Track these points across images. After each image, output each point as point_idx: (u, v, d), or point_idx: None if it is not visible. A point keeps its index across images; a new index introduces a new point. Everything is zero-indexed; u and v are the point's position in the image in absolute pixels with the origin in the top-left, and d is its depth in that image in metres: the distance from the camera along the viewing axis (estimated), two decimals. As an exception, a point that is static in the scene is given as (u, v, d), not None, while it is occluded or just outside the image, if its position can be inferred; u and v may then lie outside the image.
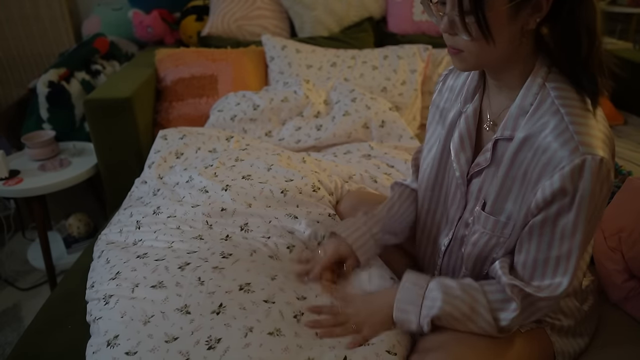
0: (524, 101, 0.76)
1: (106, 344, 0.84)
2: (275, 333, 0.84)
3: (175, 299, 0.89)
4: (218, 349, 0.81)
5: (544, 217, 0.74)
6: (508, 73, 0.78)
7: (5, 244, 2.24)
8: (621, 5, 2.85)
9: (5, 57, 2.48)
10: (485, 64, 0.78)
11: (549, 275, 0.76)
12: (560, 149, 0.70)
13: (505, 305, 0.79)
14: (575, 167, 0.69)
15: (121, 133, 1.75)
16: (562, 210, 0.72)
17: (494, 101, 0.84)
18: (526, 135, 0.75)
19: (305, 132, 1.72)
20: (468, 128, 0.86)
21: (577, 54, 0.71)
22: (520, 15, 0.70)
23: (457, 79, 0.93)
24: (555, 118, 0.72)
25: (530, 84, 0.76)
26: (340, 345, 0.85)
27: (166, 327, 0.84)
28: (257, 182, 1.23)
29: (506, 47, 0.73)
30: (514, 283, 0.77)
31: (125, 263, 1.01)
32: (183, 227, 1.10)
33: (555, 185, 0.71)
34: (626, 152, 1.70)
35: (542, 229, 0.75)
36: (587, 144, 0.69)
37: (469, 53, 0.74)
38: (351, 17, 2.37)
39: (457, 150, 0.87)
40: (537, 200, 0.74)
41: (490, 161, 0.82)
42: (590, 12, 0.69)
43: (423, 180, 0.98)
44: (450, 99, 0.93)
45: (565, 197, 0.71)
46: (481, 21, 0.69)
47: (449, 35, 0.74)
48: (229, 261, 0.99)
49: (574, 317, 0.90)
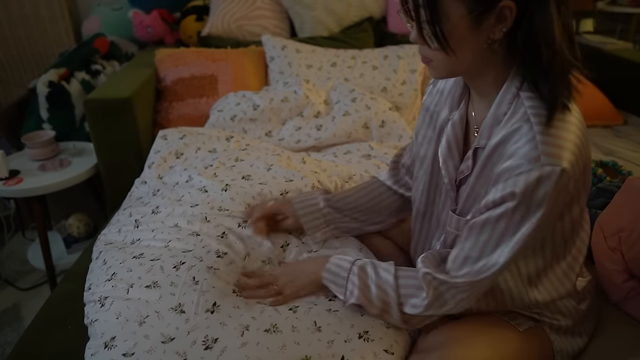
0: (498, 110, 0.76)
1: (104, 346, 0.84)
2: (271, 330, 0.84)
3: (169, 298, 0.89)
4: (215, 349, 0.81)
5: (488, 217, 0.74)
6: (482, 81, 0.78)
7: (5, 244, 2.24)
8: (621, 5, 2.85)
9: (5, 57, 2.48)
10: (456, 72, 0.78)
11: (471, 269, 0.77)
12: (522, 156, 0.69)
13: (417, 292, 0.82)
14: (532, 176, 0.68)
15: (121, 133, 1.75)
16: (506, 214, 0.72)
17: (477, 108, 0.84)
18: (497, 142, 0.75)
19: (305, 132, 1.72)
20: (455, 135, 0.86)
21: (538, 63, 0.70)
22: (483, 26, 0.69)
23: (446, 83, 0.93)
24: (525, 126, 0.71)
25: (504, 93, 0.75)
26: (339, 341, 0.84)
27: (162, 328, 0.84)
28: (256, 182, 1.23)
29: (472, 57, 0.73)
30: (426, 271, 0.80)
31: (122, 264, 1.01)
32: (181, 224, 1.10)
33: (507, 189, 0.70)
34: (626, 152, 1.70)
35: (483, 228, 0.75)
36: (550, 155, 0.68)
37: (437, 62, 0.75)
38: (351, 17, 2.37)
39: (445, 157, 0.87)
40: (487, 201, 0.74)
41: (471, 169, 0.82)
42: (547, 21, 0.68)
43: (418, 183, 0.98)
44: (440, 102, 0.92)
45: (512, 201, 0.70)
46: (438, 33, 0.69)
47: (419, 44, 0.75)
48: (223, 261, 0.99)
49: (572, 317, 0.90)
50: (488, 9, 0.68)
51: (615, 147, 1.76)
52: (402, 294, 0.84)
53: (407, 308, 0.83)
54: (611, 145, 1.78)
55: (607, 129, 1.97)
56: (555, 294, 0.86)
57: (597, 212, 1.13)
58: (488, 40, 0.71)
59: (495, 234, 0.74)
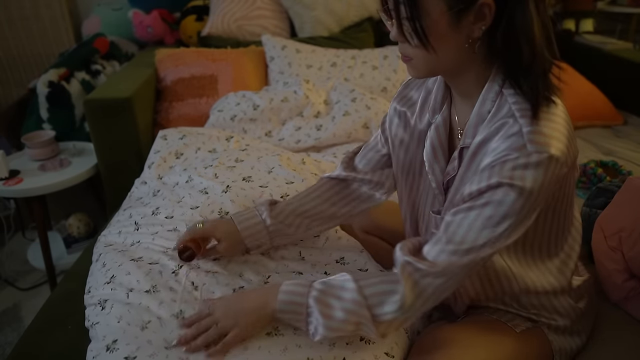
0: (482, 108, 0.75)
1: (105, 349, 0.84)
2: (273, 333, 0.84)
3: (170, 304, 0.89)
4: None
5: (472, 205, 0.72)
6: (463, 80, 0.78)
7: (5, 244, 2.24)
8: (621, 5, 2.85)
9: (5, 57, 2.48)
10: (436, 71, 0.77)
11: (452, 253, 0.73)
12: (508, 146, 0.69)
13: (387, 297, 0.75)
14: (519, 163, 0.67)
15: (121, 133, 1.75)
16: (492, 202, 0.70)
17: (460, 109, 0.83)
18: (482, 140, 0.74)
19: (305, 132, 1.72)
20: (439, 138, 0.85)
21: (519, 61, 0.70)
22: (462, 23, 0.69)
23: (416, 91, 0.92)
24: (510, 120, 0.71)
25: (487, 91, 0.75)
26: (340, 343, 0.84)
27: (164, 333, 0.85)
28: (257, 185, 1.22)
29: (453, 55, 0.72)
30: (407, 260, 0.74)
31: (120, 266, 1.00)
32: (180, 229, 1.09)
33: (493, 177, 0.69)
34: (626, 152, 1.70)
35: (467, 214, 0.72)
36: (537, 142, 0.67)
37: (417, 60, 0.74)
38: (351, 17, 2.37)
39: (431, 161, 0.86)
40: (472, 190, 0.72)
41: (457, 169, 0.81)
42: (527, 20, 0.68)
43: (403, 191, 0.97)
44: (414, 110, 0.91)
45: (499, 188, 0.69)
46: (418, 29, 0.69)
47: (400, 42, 0.74)
48: (221, 263, 0.99)
49: (570, 316, 0.90)
50: (467, 6, 0.68)
51: (615, 147, 1.76)
52: (372, 305, 0.76)
53: (382, 317, 0.76)
54: (611, 145, 1.78)
55: (607, 129, 1.97)
56: (549, 287, 0.86)
57: (597, 212, 1.13)
58: (468, 39, 0.71)
59: (480, 220, 0.71)
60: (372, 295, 0.76)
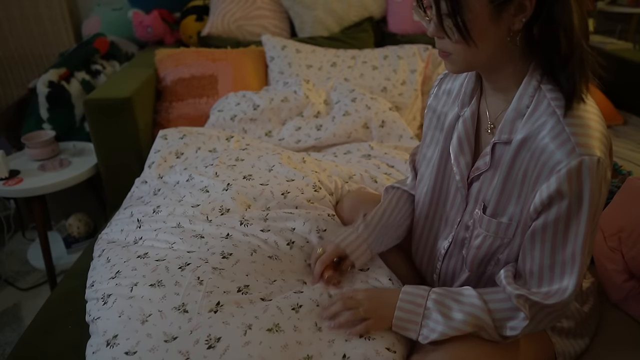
0: (520, 104, 0.76)
1: (105, 344, 0.84)
2: (274, 329, 0.84)
3: (172, 297, 0.89)
4: (218, 348, 0.81)
5: (544, 221, 0.74)
6: (501, 75, 0.78)
7: (5, 244, 2.24)
8: (621, 5, 2.84)
9: (5, 57, 2.48)
10: (475, 66, 0.78)
11: (556, 281, 0.76)
12: (557, 150, 0.70)
13: (513, 314, 0.79)
14: (573, 169, 0.68)
15: (121, 133, 1.75)
16: (561, 213, 0.72)
17: (491, 104, 0.83)
18: (524, 137, 0.75)
19: (305, 132, 1.72)
20: (467, 131, 0.86)
21: (556, 53, 0.70)
22: (503, 16, 0.70)
23: (453, 82, 0.93)
24: (552, 119, 0.72)
25: (525, 86, 0.75)
26: (339, 340, 0.84)
27: (164, 327, 0.84)
28: (257, 182, 1.23)
29: (493, 49, 0.73)
30: (519, 293, 0.76)
31: (126, 262, 1.01)
32: (184, 225, 1.10)
33: (552, 187, 0.70)
34: (626, 152, 1.70)
35: (544, 234, 0.75)
36: (584, 145, 0.68)
37: (457, 55, 0.74)
38: (351, 17, 2.37)
39: (457, 153, 0.87)
40: (536, 204, 0.74)
41: (489, 165, 0.81)
42: (567, 11, 0.68)
43: (423, 184, 0.97)
44: (447, 103, 0.92)
45: (563, 199, 0.71)
46: (459, 24, 0.69)
47: (437, 38, 0.75)
48: (229, 262, 0.99)
49: (574, 318, 0.90)
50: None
51: (615, 147, 1.75)
52: (496, 319, 0.79)
53: (507, 331, 0.79)
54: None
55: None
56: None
57: (597, 212, 1.13)
58: (509, 32, 0.71)
59: (559, 235, 0.73)
60: (497, 310, 0.79)
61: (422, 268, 1.05)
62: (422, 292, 0.84)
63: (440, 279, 0.99)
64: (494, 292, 0.82)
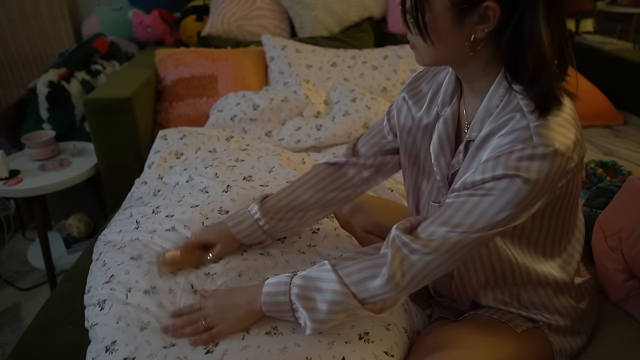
0: (490, 103, 0.76)
1: (105, 350, 0.84)
2: (272, 332, 0.84)
3: (168, 307, 0.90)
4: (216, 353, 0.81)
5: (472, 192, 0.72)
6: (473, 76, 0.78)
7: (5, 244, 2.24)
8: (621, 5, 2.85)
9: (5, 57, 2.48)
10: (439, 62, 0.78)
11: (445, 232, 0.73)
12: (515, 138, 0.69)
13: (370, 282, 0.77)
14: (524, 153, 0.68)
15: (121, 133, 1.75)
16: (494, 190, 0.70)
17: (468, 104, 0.84)
18: (487, 133, 0.75)
19: (305, 132, 1.72)
20: (447, 131, 0.85)
21: (524, 70, 0.70)
22: (466, 22, 0.70)
23: (427, 84, 0.93)
24: (517, 115, 0.71)
25: (496, 87, 0.75)
26: (339, 343, 0.84)
27: (163, 334, 0.85)
28: (257, 184, 1.22)
29: (452, 51, 0.73)
30: (398, 234, 0.75)
31: (119, 265, 1.00)
32: (178, 227, 1.09)
33: (499, 166, 0.69)
34: (626, 152, 1.70)
35: (467, 199, 0.72)
36: (543, 136, 0.68)
37: (420, 49, 0.76)
38: (351, 17, 2.37)
39: (437, 154, 0.87)
40: (475, 178, 0.72)
41: (462, 162, 0.81)
42: (535, 32, 0.67)
43: (410, 183, 0.98)
44: (421, 103, 0.92)
45: (505, 177, 0.69)
46: (419, 21, 0.71)
47: (406, 29, 0.76)
48: (220, 264, 0.99)
49: (571, 316, 0.90)
50: (472, 6, 0.68)
51: (615, 147, 1.76)
52: (356, 293, 0.77)
53: (371, 299, 0.77)
54: (611, 145, 1.78)
55: (607, 129, 1.98)
56: (552, 279, 0.86)
57: (597, 212, 1.13)
58: (469, 38, 0.71)
59: (480, 206, 0.71)
60: (353, 283, 0.78)
61: None
62: (284, 288, 0.82)
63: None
64: (351, 263, 0.80)
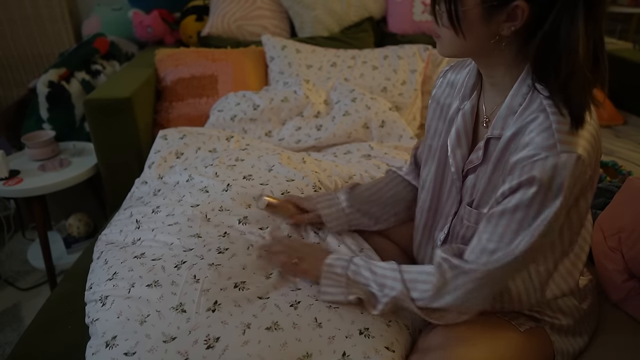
0: (513, 101, 0.77)
1: (105, 345, 0.84)
2: (273, 327, 0.84)
3: (170, 297, 0.89)
4: (217, 348, 0.81)
5: (504, 208, 0.74)
6: (496, 72, 0.79)
7: (5, 244, 2.24)
8: (621, 5, 2.85)
9: (5, 57, 2.48)
10: (462, 54, 0.79)
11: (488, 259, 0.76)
12: (539, 144, 0.70)
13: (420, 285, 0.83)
14: (549, 163, 0.68)
15: (121, 133, 1.75)
16: (522, 203, 0.71)
17: (488, 98, 0.85)
18: (513, 133, 0.75)
19: (305, 132, 1.72)
20: (465, 125, 0.87)
21: (555, 75, 0.70)
22: (493, 19, 0.71)
23: (457, 75, 0.93)
24: (541, 115, 0.72)
25: (519, 85, 0.76)
26: (340, 338, 0.84)
27: (163, 327, 0.85)
28: (257, 182, 1.23)
29: (478, 45, 0.74)
30: (444, 256, 0.80)
31: (123, 263, 1.01)
32: (181, 224, 1.10)
33: (523, 176, 0.70)
34: (626, 152, 1.70)
35: (500, 219, 0.74)
36: (566, 142, 0.68)
37: (444, 39, 0.77)
38: (351, 17, 2.37)
39: (454, 146, 0.88)
40: (504, 189, 0.74)
41: (482, 159, 0.83)
42: (573, 38, 0.67)
43: (426, 177, 0.98)
44: (451, 94, 0.93)
45: (529, 189, 0.70)
46: (452, 12, 0.71)
47: (434, 19, 0.77)
48: (224, 256, 0.99)
49: (573, 316, 0.90)
50: (501, 4, 0.69)
51: (615, 147, 1.75)
52: (409, 286, 0.84)
53: (415, 294, 0.83)
54: (611, 145, 1.78)
55: (607, 129, 1.97)
56: (558, 292, 0.86)
57: (597, 212, 1.13)
58: (496, 35, 0.72)
59: (513, 224, 0.73)
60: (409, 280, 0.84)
61: (418, 259, 1.06)
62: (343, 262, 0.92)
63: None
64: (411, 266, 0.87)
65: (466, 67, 0.92)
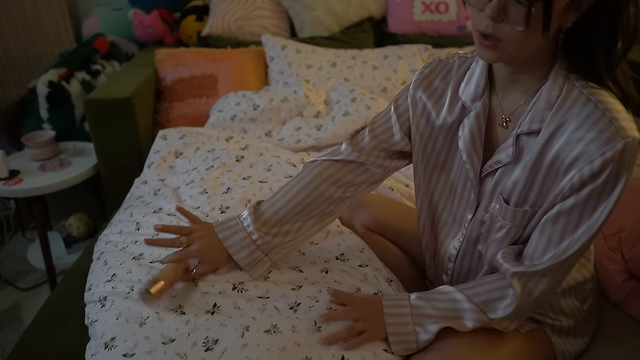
0: (550, 94, 0.75)
1: (104, 346, 0.84)
2: (272, 330, 0.84)
3: (168, 300, 0.90)
4: (216, 350, 0.81)
5: (575, 201, 0.73)
6: (528, 68, 0.77)
7: (5, 244, 2.24)
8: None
9: (5, 57, 2.48)
10: (522, 55, 0.74)
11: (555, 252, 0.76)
12: (600, 136, 0.70)
13: (498, 303, 0.80)
14: (617, 152, 0.68)
15: (121, 133, 1.75)
16: (593, 194, 0.72)
17: (507, 97, 0.82)
18: (556, 127, 0.74)
19: (305, 132, 1.72)
20: (479, 126, 0.83)
21: (610, 57, 0.70)
22: (570, 11, 0.69)
23: (441, 81, 0.90)
24: (587, 107, 0.71)
25: (555, 77, 0.75)
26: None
27: (162, 329, 0.85)
28: (257, 180, 1.23)
29: (544, 41, 0.71)
30: (516, 270, 0.78)
31: (122, 265, 1.01)
32: (181, 224, 1.10)
33: (595, 167, 0.70)
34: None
35: (570, 215, 0.74)
36: (626, 128, 0.69)
37: (510, 43, 0.70)
38: (351, 17, 2.36)
39: (470, 150, 0.84)
40: (574, 183, 0.72)
41: (512, 156, 0.80)
42: (634, 17, 0.68)
43: (428, 186, 0.95)
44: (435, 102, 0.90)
45: (598, 179, 0.70)
46: (547, 12, 0.66)
47: (492, 23, 0.69)
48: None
49: (574, 317, 0.90)
50: None
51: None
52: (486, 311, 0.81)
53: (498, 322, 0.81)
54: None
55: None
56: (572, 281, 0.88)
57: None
58: (562, 28, 0.71)
59: (575, 215, 0.74)
60: (482, 303, 0.81)
61: (430, 269, 1.04)
62: (403, 295, 0.88)
63: (453, 278, 0.97)
64: (473, 285, 0.84)
65: (450, 71, 0.89)
